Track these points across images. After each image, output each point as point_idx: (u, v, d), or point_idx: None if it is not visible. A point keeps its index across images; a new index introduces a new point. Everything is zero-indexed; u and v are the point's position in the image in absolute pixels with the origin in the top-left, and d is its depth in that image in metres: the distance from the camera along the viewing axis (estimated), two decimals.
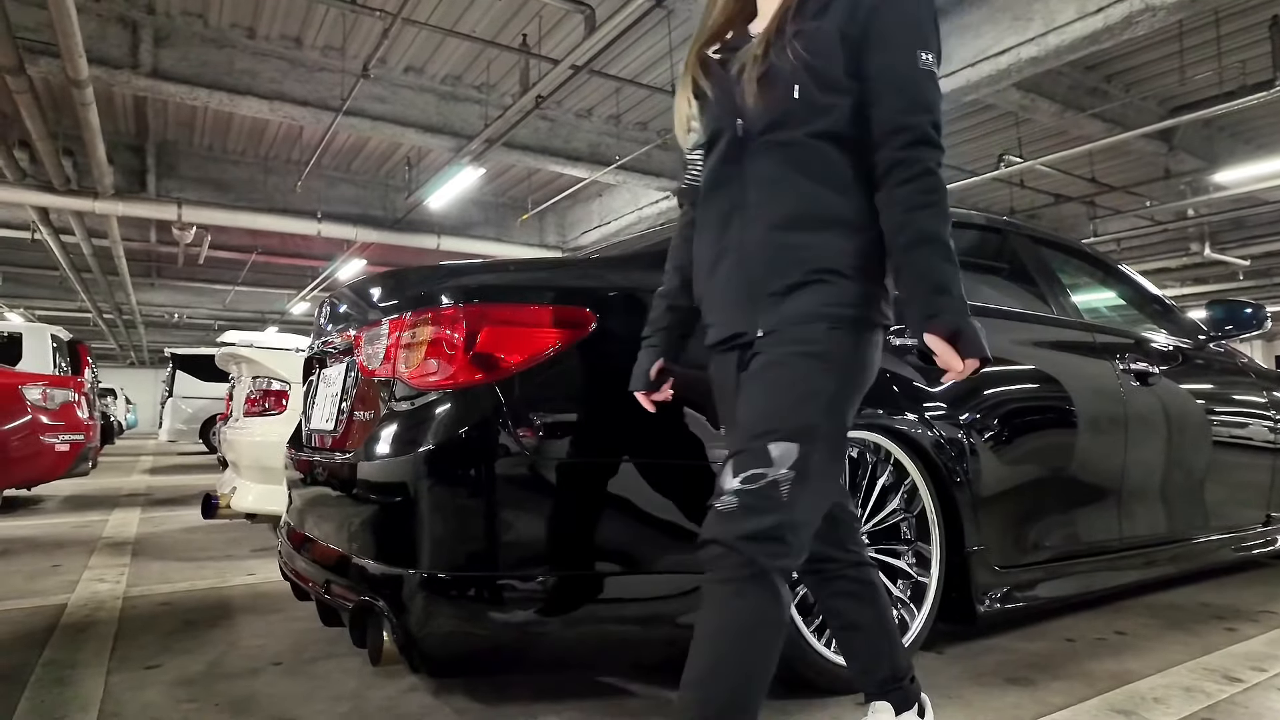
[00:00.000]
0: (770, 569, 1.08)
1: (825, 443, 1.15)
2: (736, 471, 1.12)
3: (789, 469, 1.10)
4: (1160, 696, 1.76)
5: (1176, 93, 7.82)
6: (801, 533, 1.12)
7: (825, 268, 1.18)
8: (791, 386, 1.16)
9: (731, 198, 1.26)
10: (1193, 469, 2.77)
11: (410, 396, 1.59)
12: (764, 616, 1.09)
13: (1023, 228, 2.78)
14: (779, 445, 1.11)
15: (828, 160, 1.20)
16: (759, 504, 1.09)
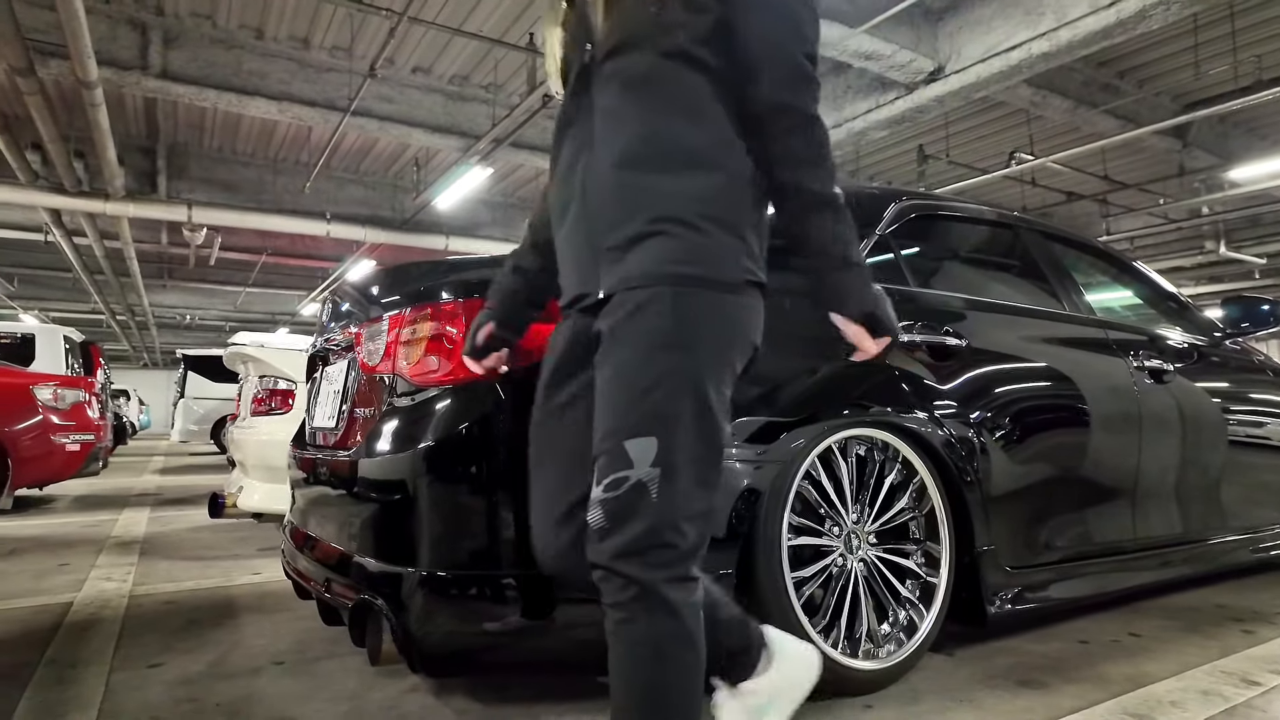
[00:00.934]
0: (653, 583, 0.97)
1: (693, 428, 1.01)
2: (599, 478, 1.01)
3: (651, 466, 0.98)
4: (1176, 700, 1.72)
5: (1191, 88, 7.73)
6: (688, 529, 1.00)
7: (667, 215, 1.01)
8: (638, 370, 1.00)
9: (580, 135, 1.10)
10: (1209, 468, 2.72)
11: (410, 393, 1.57)
12: (664, 636, 0.98)
13: (1034, 223, 2.74)
14: (635, 442, 0.98)
15: (678, 84, 1.03)
16: (625, 512, 0.98)
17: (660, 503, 0.98)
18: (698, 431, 1.01)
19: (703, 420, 1.02)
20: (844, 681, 1.70)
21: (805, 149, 1.04)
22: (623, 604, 0.99)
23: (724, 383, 1.06)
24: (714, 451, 1.04)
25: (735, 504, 1.60)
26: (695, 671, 1.01)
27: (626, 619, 0.99)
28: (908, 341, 1.98)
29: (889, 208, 2.26)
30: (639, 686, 0.99)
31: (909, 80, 5.98)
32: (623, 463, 0.99)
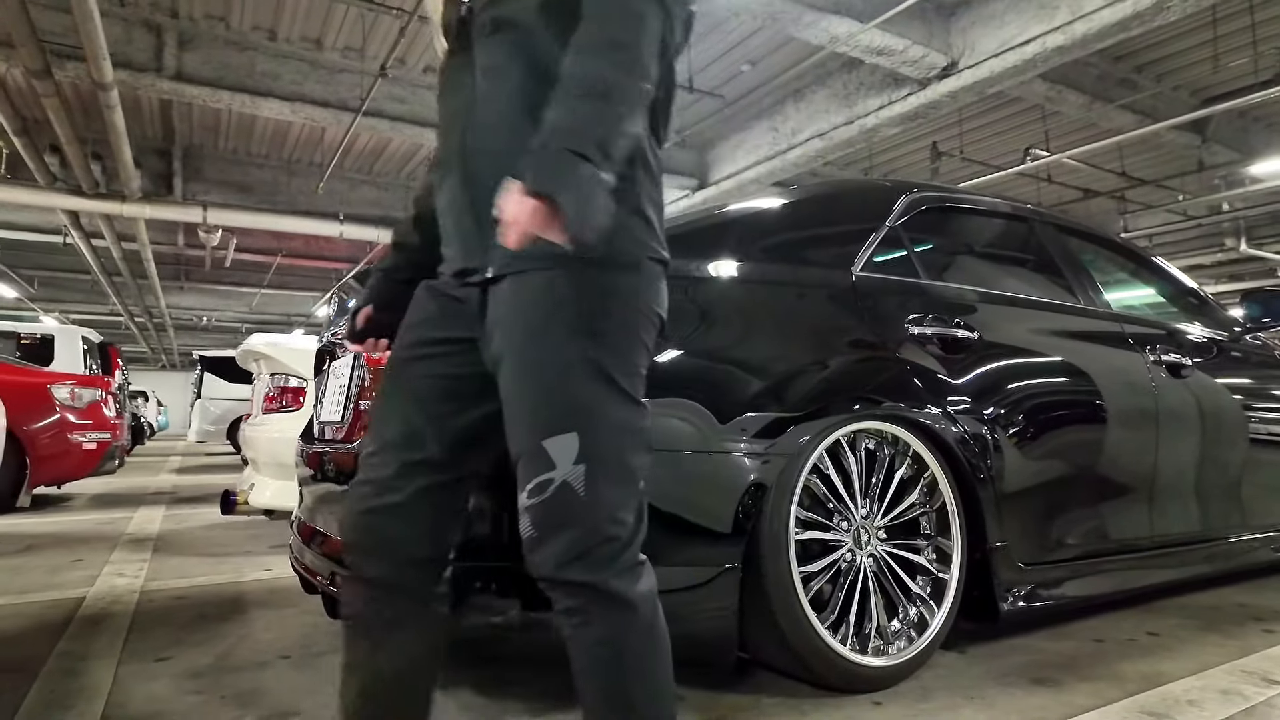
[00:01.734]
0: (602, 582, 0.94)
1: (613, 415, 0.95)
2: (522, 483, 0.95)
3: (575, 464, 0.92)
4: (1194, 699, 1.68)
5: (1210, 83, 7.62)
6: (625, 516, 0.96)
7: None
8: (545, 363, 0.95)
9: (462, 96, 1.03)
10: (1228, 465, 2.66)
11: None
12: (622, 632, 0.95)
13: (1048, 215, 2.70)
14: (555, 441, 0.93)
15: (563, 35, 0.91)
16: (556, 517, 0.93)
17: (590, 500, 0.93)
18: (618, 418, 0.96)
19: (621, 406, 0.97)
20: (853, 678, 1.68)
21: (607, 30, 0.87)
22: (575, 609, 0.96)
23: (637, 363, 1.00)
24: (637, 435, 0.99)
25: (741, 498, 1.58)
26: (659, 659, 0.99)
27: (581, 622, 0.96)
28: (917, 334, 1.96)
29: (899, 200, 2.23)
30: (606, 688, 0.96)
31: (921, 76, 5.93)
32: (544, 464, 0.93)
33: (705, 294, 1.74)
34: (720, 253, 1.85)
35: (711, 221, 2.07)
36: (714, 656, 1.61)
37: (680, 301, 1.70)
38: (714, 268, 1.80)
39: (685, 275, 1.75)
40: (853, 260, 2.03)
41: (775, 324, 1.79)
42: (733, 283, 1.80)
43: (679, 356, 1.63)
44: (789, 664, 1.67)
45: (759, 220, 2.06)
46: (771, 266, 1.89)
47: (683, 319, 1.68)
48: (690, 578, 1.55)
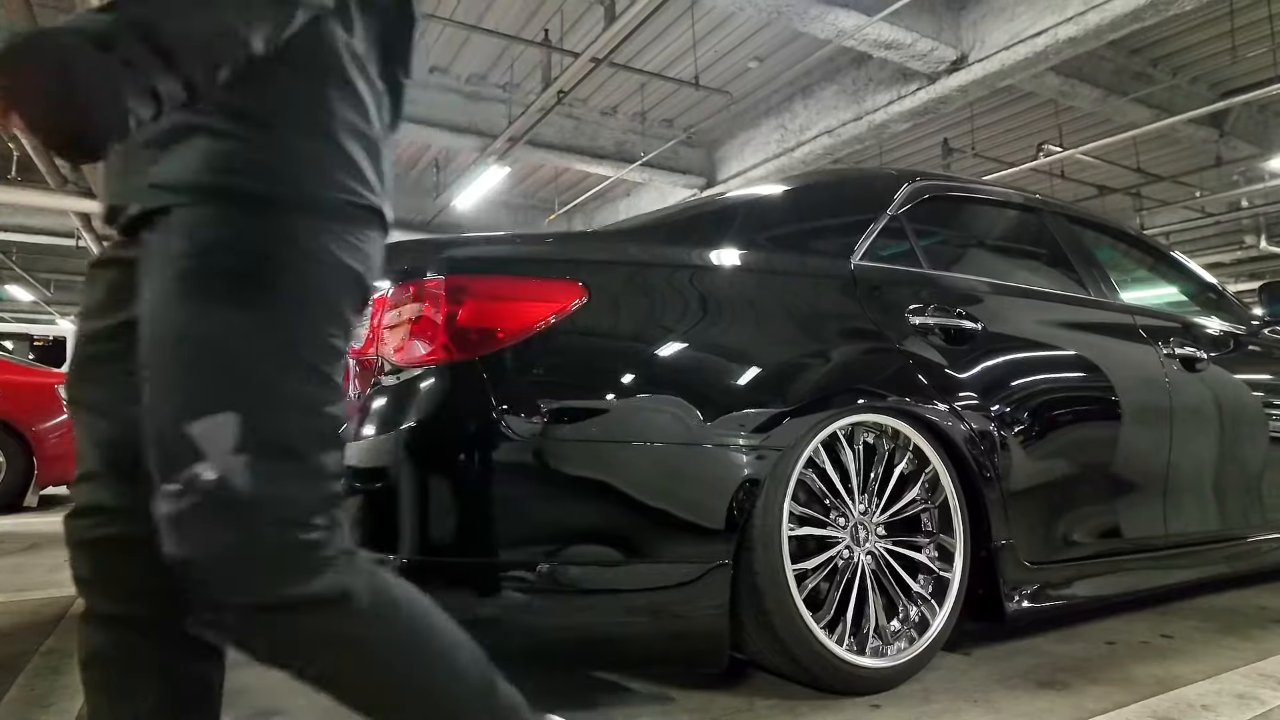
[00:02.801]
0: (294, 597, 0.74)
1: (286, 391, 0.76)
2: (160, 478, 0.74)
3: (234, 452, 0.72)
4: (1209, 703, 1.60)
5: (1228, 75, 7.48)
6: (309, 513, 0.76)
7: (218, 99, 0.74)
8: (195, 324, 0.74)
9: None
10: (1246, 462, 2.58)
11: (393, 374, 1.52)
12: (350, 642, 0.79)
13: (1058, 206, 2.62)
14: (204, 424, 0.72)
15: None
16: (207, 524, 0.73)
17: (256, 498, 0.73)
18: (292, 396, 0.76)
19: (297, 380, 0.77)
20: (850, 680, 1.62)
21: None
22: (272, 639, 0.76)
23: (322, 329, 0.79)
24: (320, 418, 0.79)
25: (732, 492, 1.53)
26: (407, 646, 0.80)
27: (287, 648, 0.77)
28: (919, 325, 1.90)
29: (901, 188, 2.17)
30: (361, 705, 0.81)
31: (931, 70, 5.85)
32: (186, 455, 0.72)
33: (700, 282, 1.69)
34: (716, 241, 1.80)
35: (709, 209, 2.02)
36: (705, 657, 1.55)
37: (674, 289, 1.65)
38: (709, 255, 1.74)
39: (680, 263, 1.70)
40: (852, 249, 1.97)
41: (770, 313, 1.74)
42: (728, 271, 1.75)
43: (668, 345, 1.58)
44: (783, 665, 1.61)
45: (757, 208, 2.01)
46: (768, 255, 1.83)
47: (675, 307, 1.63)
48: (679, 575, 1.49)
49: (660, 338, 1.59)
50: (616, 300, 1.57)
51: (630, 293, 1.60)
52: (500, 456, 1.39)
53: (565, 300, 1.50)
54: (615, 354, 1.54)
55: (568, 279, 1.53)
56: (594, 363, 1.51)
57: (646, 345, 1.57)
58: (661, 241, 1.78)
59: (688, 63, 6.97)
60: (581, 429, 1.45)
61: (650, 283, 1.64)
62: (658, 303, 1.62)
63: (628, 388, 1.52)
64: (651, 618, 1.50)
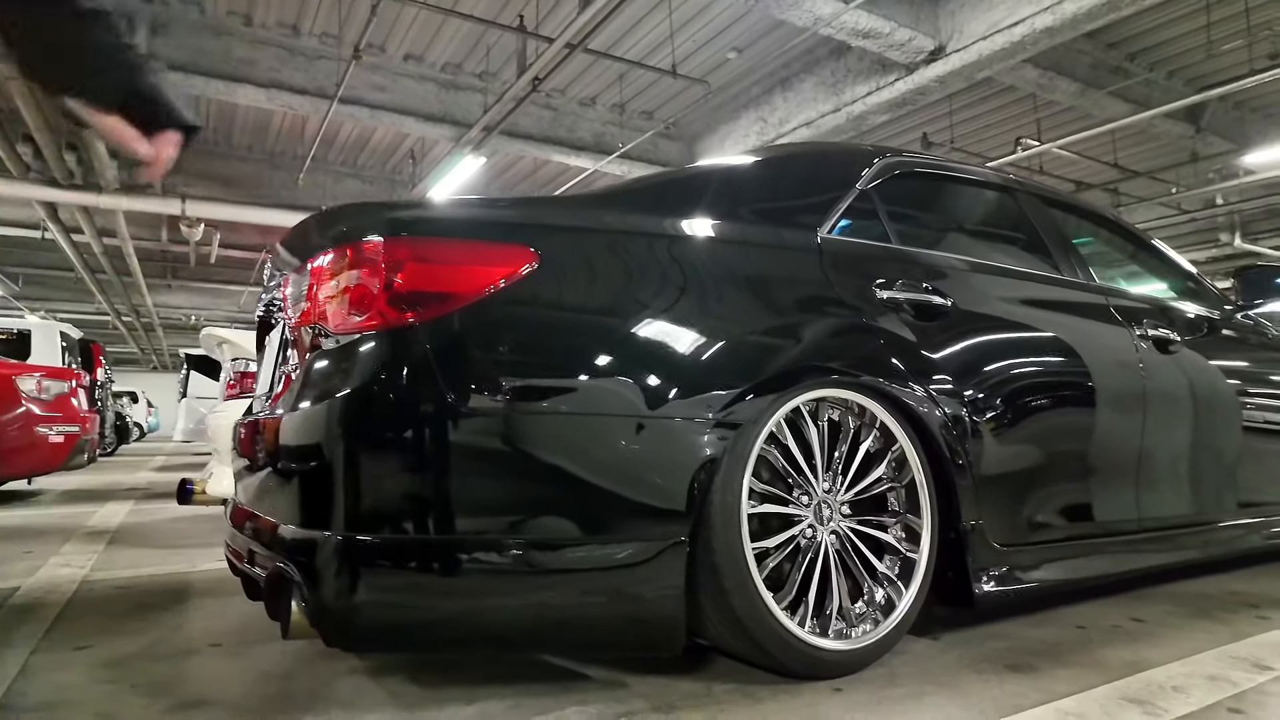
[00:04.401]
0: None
1: None
2: None
3: None
4: (1180, 685, 1.56)
5: (1204, 71, 7.52)
6: None
7: None
8: None
9: None
10: (1219, 447, 2.54)
11: (331, 342, 1.44)
12: None
13: (1032, 186, 2.58)
14: None
15: None
16: None
17: None
18: None
19: None
20: (812, 663, 1.55)
21: None
22: None
23: None
24: None
25: (690, 467, 1.46)
26: None
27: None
28: (887, 299, 1.84)
29: (873, 163, 2.11)
30: None
31: (909, 61, 5.82)
32: None
33: (661, 251, 1.62)
34: (681, 210, 1.73)
35: (677, 177, 1.96)
36: (661, 640, 1.48)
37: (634, 257, 1.58)
38: (672, 224, 1.68)
39: (641, 231, 1.63)
40: (821, 222, 1.91)
41: (732, 284, 1.67)
42: (691, 240, 1.68)
43: (625, 314, 1.51)
44: (743, 648, 1.54)
45: (726, 178, 1.95)
46: (734, 225, 1.77)
47: (633, 275, 1.56)
48: (632, 554, 1.42)
49: (617, 307, 1.52)
50: (571, 267, 1.50)
51: (586, 260, 1.53)
52: (443, 428, 1.32)
53: (515, 265, 1.43)
54: (568, 323, 1.47)
55: (518, 243, 1.45)
56: (545, 331, 1.44)
57: (601, 314, 1.50)
58: (623, 208, 1.70)
59: (666, 52, 6.90)
60: (531, 401, 1.38)
61: (608, 250, 1.57)
62: (615, 271, 1.55)
63: (580, 358, 1.45)
64: (604, 599, 1.43)
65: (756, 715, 1.40)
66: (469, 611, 1.34)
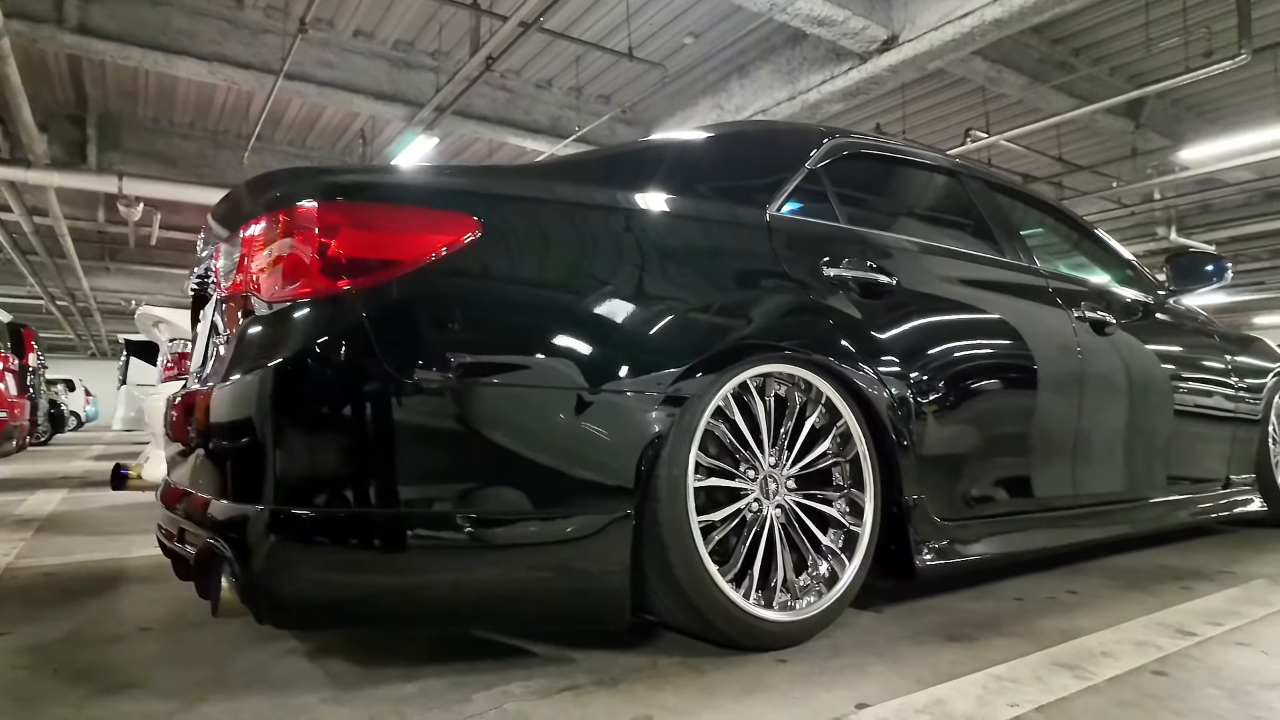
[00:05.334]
0: None
1: None
2: None
3: None
4: (1109, 651, 1.61)
5: (1144, 68, 7.76)
6: None
7: None
8: None
9: None
10: (1150, 426, 2.64)
11: (263, 311, 1.38)
12: None
13: (978, 171, 2.63)
14: None
15: None
16: None
17: None
18: None
19: None
20: (756, 634, 1.56)
21: None
22: None
23: None
24: None
25: (636, 440, 1.45)
26: None
27: None
28: (833, 277, 1.85)
29: (822, 143, 2.13)
30: None
31: (863, 50, 5.88)
32: None
33: (608, 224, 1.60)
34: (630, 183, 1.72)
35: (627, 150, 1.93)
36: (606, 614, 1.47)
37: (580, 229, 1.56)
38: (620, 197, 1.66)
39: (589, 203, 1.61)
40: (768, 200, 1.91)
41: (680, 259, 1.66)
42: (639, 214, 1.66)
43: (570, 286, 1.49)
44: (688, 621, 1.54)
45: (677, 153, 1.93)
46: (684, 200, 1.76)
47: (579, 247, 1.54)
48: (578, 528, 1.41)
49: (563, 279, 1.49)
50: (515, 236, 1.47)
51: (532, 230, 1.50)
52: (379, 399, 1.28)
53: (457, 233, 1.40)
54: (512, 294, 1.44)
55: (460, 211, 1.42)
56: (488, 302, 1.41)
57: (547, 286, 1.48)
58: (571, 180, 1.68)
59: (622, 35, 6.84)
60: (471, 373, 1.35)
61: (554, 221, 1.54)
62: (562, 242, 1.53)
63: (524, 330, 1.42)
64: (549, 573, 1.41)
65: (700, 686, 1.41)
66: (409, 587, 1.32)
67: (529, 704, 1.32)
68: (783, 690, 1.38)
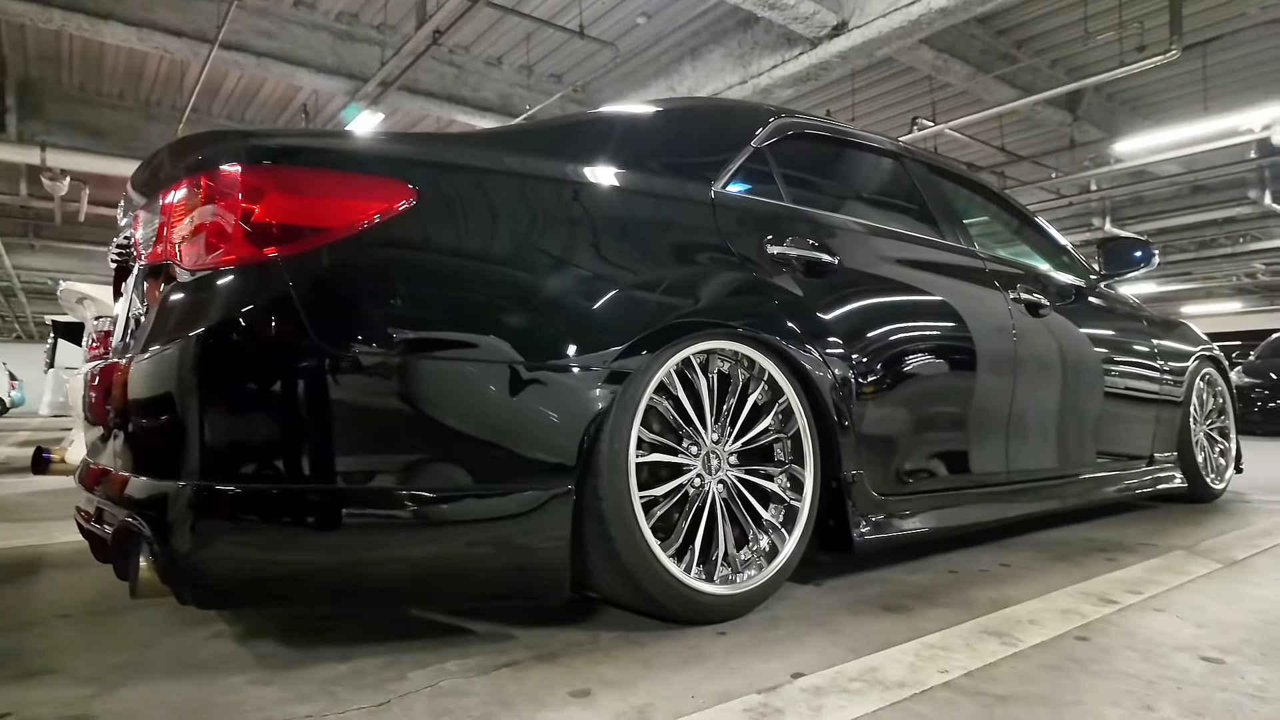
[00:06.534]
0: None
1: None
2: None
3: None
4: (1036, 619, 1.67)
5: (1082, 61, 7.98)
6: None
7: None
8: None
9: None
10: (1081, 406, 2.73)
11: (185, 279, 1.32)
12: None
13: (920, 155, 2.67)
14: None
15: None
16: None
17: None
18: None
19: None
20: (697, 608, 1.57)
21: None
22: None
23: None
24: None
25: (577, 416, 1.43)
26: None
27: None
28: (777, 255, 1.86)
29: (768, 122, 2.13)
30: None
31: (813, 35, 5.91)
32: None
33: (550, 195, 1.57)
34: (576, 154, 1.69)
35: (573, 121, 1.91)
36: (546, 590, 1.46)
37: (521, 200, 1.53)
38: (565, 169, 1.63)
39: (531, 174, 1.58)
40: (714, 177, 1.91)
41: (623, 233, 1.65)
42: (583, 186, 1.64)
43: (509, 257, 1.46)
44: (629, 595, 1.54)
45: (624, 126, 1.91)
46: (629, 174, 1.74)
47: (520, 218, 1.51)
48: (516, 504, 1.39)
49: (502, 250, 1.46)
50: (454, 206, 1.44)
51: (471, 200, 1.46)
52: (307, 371, 1.24)
53: (390, 201, 1.35)
54: (448, 265, 1.41)
55: (395, 178, 1.37)
56: (422, 273, 1.37)
57: (485, 257, 1.44)
58: (514, 150, 1.64)
59: (574, 13, 6.75)
60: (404, 345, 1.31)
61: (495, 191, 1.51)
62: (502, 213, 1.49)
63: (460, 301, 1.39)
64: (489, 549, 1.39)
65: (639, 659, 1.41)
66: (339, 565, 1.28)
67: (465, 680, 1.31)
68: (720, 661, 1.39)
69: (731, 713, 1.17)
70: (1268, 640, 1.52)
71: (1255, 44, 7.67)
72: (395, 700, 1.23)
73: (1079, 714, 1.18)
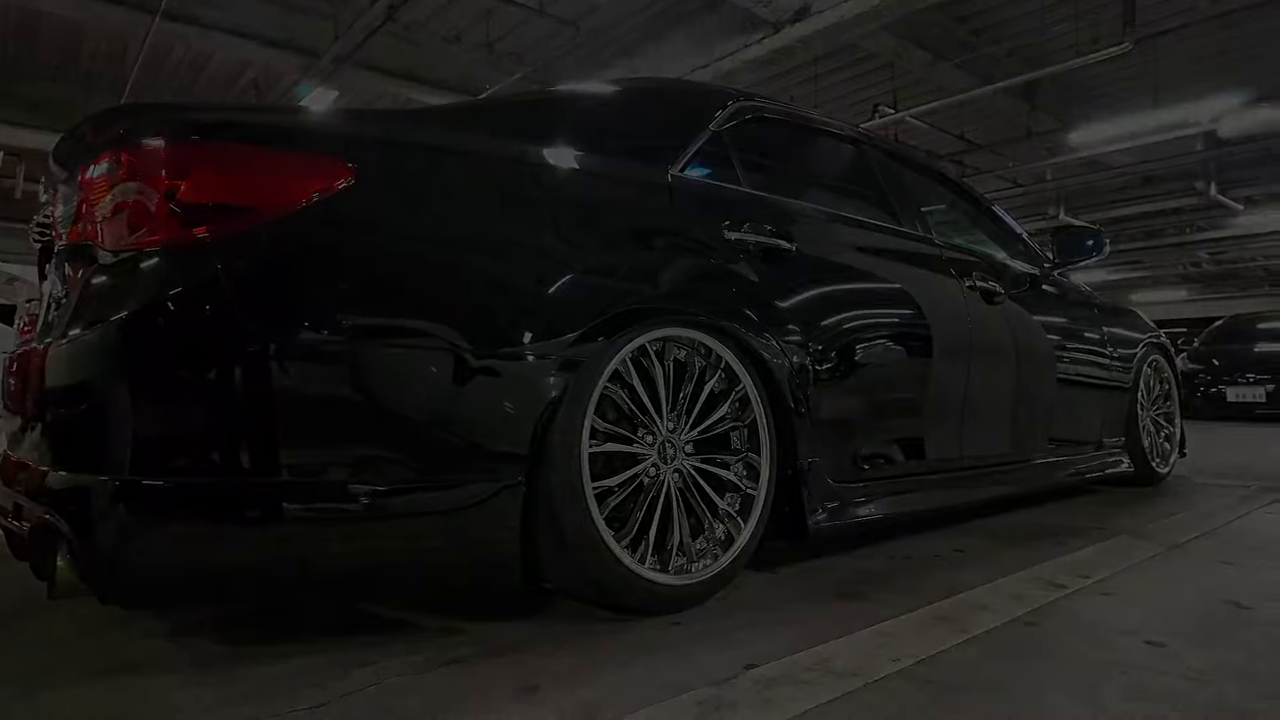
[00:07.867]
0: None
1: None
2: None
3: None
4: (987, 604, 1.68)
5: (1039, 51, 8.08)
6: None
7: None
8: None
9: None
10: (1034, 392, 2.77)
11: (105, 259, 1.24)
12: None
13: (879, 142, 2.66)
14: None
15: None
16: None
17: None
18: None
19: None
20: (651, 598, 1.55)
21: None
22: None
23: None
24: None
25: (526, 406, 1.39)
26: None
27: None
28: (734, 240, 1.83)
29: (726, 104, 2.09)
30: None
31: (776, 19, 5.88)
32: None
33: (500, 176, 1.52)
34: (527, 133, 1.63)
35: (525, 99, 1.85)
36: (497, 581, 1.42)
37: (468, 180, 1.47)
38: (515, 148, 1.58)
39: (478, 153, 1.52)
40: (671, 160, 1.87)
41: (578, 215, 1.60)
42: (534, 167, 1.59)
43: (456, 241, 1.41)
44: (583, 587, 1.52)
45: (579, 105, 1.86)
46: (583, 155, 1.69)
47: (467, 200, 1.45)
48: (465, 496, 1.35)
49: (449, 232, 1.41)
50: (397, 185, 1.37)
51: (416, 179, 1.40)
52: (238, 358, 1.17)
53: (327, 179, 1.29)
54: (390, 246, 1.35)
55: (331, 155, 1.31)
56: (363, 255, 1.31)
57: (430, 239, 1.39)
58: (463, 127, 1.58)
59: None
60: (338, 330, 1.25)
61: (441, 170, 1.45)
62: (449, 193, 1.44)
63: (402, 285, 1.33)
64: (438, 541, 1.35)
65: (591, 650, 1.38)
66: (272, 561, 1.23)
67: (411, 679, 1.26)
68: (673, 652, 1.37)
69: (682, 706, 1.15)
70: (1207, 624, 1.55)
71: (1204, 38, 7.85)
72: (336, 700, 1.18)
73: (1027, 701, 1.18)
